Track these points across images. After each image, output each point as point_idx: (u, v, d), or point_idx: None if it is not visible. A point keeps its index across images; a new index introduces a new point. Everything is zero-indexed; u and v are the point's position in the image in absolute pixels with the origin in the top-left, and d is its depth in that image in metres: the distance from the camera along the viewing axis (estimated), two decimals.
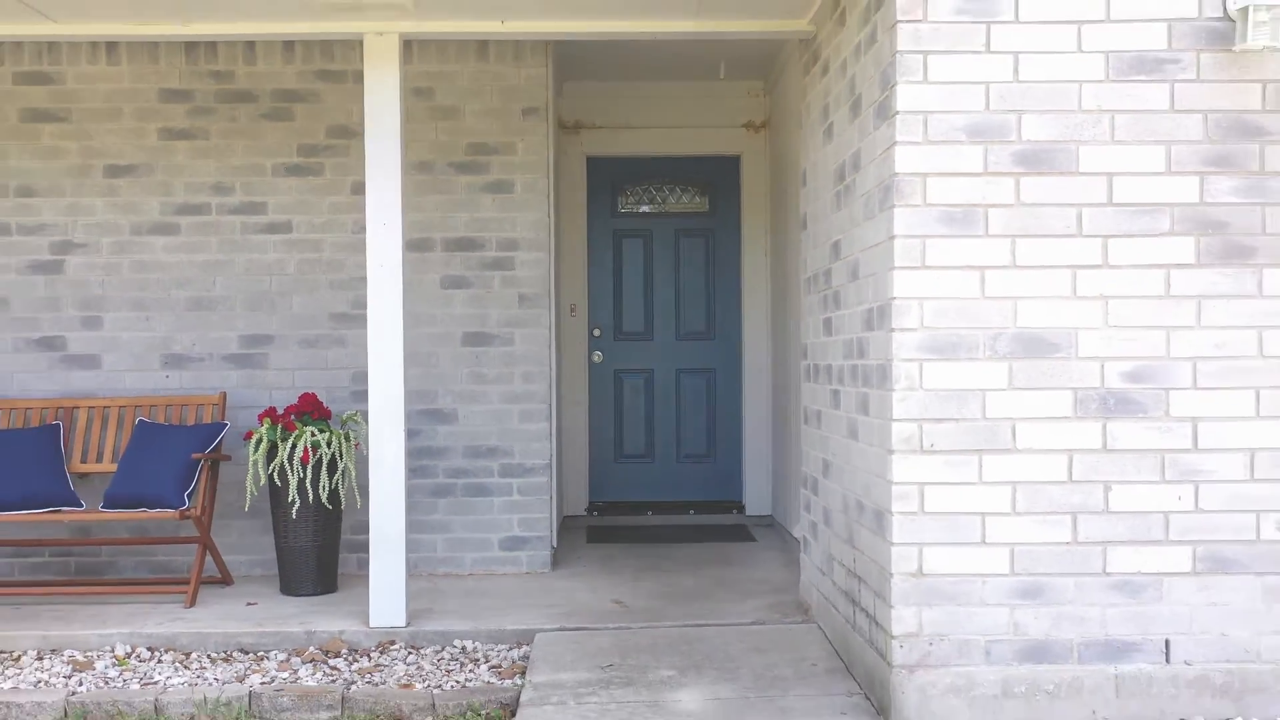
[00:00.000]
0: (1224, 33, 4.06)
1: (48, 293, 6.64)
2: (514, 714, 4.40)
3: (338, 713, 4.61)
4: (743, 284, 8.50)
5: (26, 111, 6.63)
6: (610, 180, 8.61)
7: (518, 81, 6.70)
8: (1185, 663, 4.11)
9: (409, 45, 6.52)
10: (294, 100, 6.66)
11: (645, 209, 8.67)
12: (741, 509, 8.46)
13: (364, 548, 6.45)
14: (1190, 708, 4.10)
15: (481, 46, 6.64)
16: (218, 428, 6.29)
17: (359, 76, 6.57)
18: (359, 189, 6.59)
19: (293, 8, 5.17)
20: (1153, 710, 4.10)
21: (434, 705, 4.63)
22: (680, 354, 8.61)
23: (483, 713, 4.56)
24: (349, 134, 6.66)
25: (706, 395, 8.60)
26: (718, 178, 8.57)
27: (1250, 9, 3.96)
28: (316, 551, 6.12)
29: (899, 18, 4.06)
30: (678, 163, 8.57)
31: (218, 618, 5.70)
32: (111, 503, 6.08)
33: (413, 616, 5.60)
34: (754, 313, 8.45)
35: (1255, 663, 4.12)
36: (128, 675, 5.03)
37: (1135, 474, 4.09)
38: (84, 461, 6.43)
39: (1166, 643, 4.12)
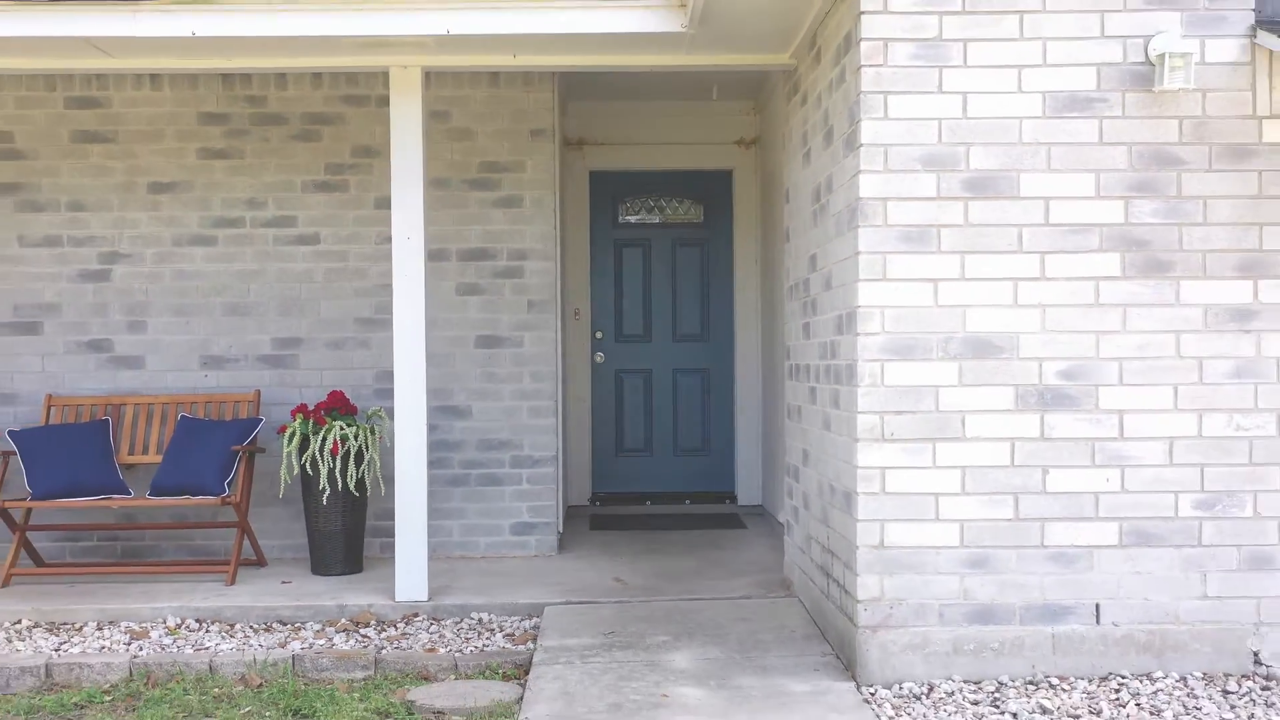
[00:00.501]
0: (1145, 75, 4.67)
1: (96, 299, 7.25)
2: (527, 672, 4.99)
3: (371, 672, 5.22)
4: (735, 290, 9.11)
5: (77, 133, 7.24)
6: (611, 193, 9.23)
7: (526, 105, 7.31)
8: (1113, 624, 4.72)
9: (428, 75, 7.11)
10: (322, 123, 7.27)
11: (644, 220, 9.29)
12: (734, 499, 9.08)
13: (387, 532, 7.06)
14: (1117, 663, 4.70)
15: (493, 74, 7.24)
16: (253, 423, 6.90)
17: (381, 101, 7.18)
18: (381, 203, 7.20)
19: (327, 45, 5.77)
20: (1085, 665, 4.70)
21: (456, 666, 5.24)
22: (677, 355, 9.22)
23: (500, 672, 5.16)
24: (372, 153, 7.26)
25: (701, 393, 9.21)
26: (712, 191, 9.18)
27: (1166, 56, 4.56)
28: (344, 535, 6.72)
29: (863, 62, 4.67)
30: (674, 176, 9.18)
31: (257, 594, 6.30)
32: (158, 490, 6.69)
33: (433, 592, 6.20)
34: (745, 316, 9.06)
35: (1174, 624, 4.72)
36: (180, 642, 5.63)
37: (1069, 459, 4.70)
38: (131, 454, 7.04)
39: (1097, 607, 4.72)
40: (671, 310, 9.23)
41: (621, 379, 9.25)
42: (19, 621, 5.95)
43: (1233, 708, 4.34)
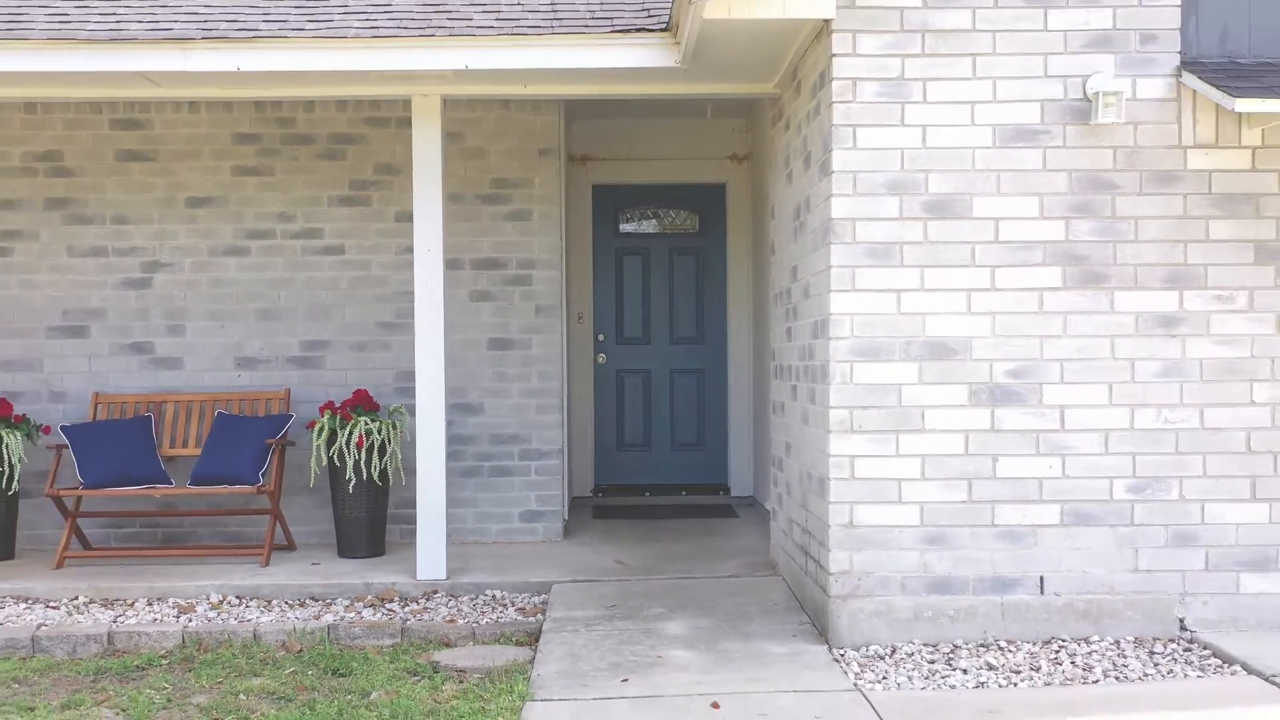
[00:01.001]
0: (1083, 110, 5.29)
1: (139, 305, 7.88)
2: (537, 639, 5.62)
3: (399, 640, 5.85)
4: (728, 295, 9.75)
5: (121, 152, 7.87)
6: (613, 205, 9.86)
7: (535, 126, 7.94)
8: (1055, 594, 5.35)
9: (445, 100, 7.74)
10: (346, 142, 7.90)
11: (644, 230, 9.93)
12: (727, 491, 9.71)
13: (406, 520, 7.68)
14: (1059, 629, 5.33)
15: (505, 99, 7.86)
16: (285, 418, 7.53)
17: (401, 122, 7.80)
18: (401, 217, 7.83)
19: (357, 76, 6.39)
20: (1031, 631, 5.33)
21: (474, 634, 5.87)
22: (674, 356, 9.85)
23: (513, 639, 5.80)
24: (392, 171, 7.89)
25: (696, 392, 9.84)
26: (706, 203, 9.82)
27: (1101, 94, 5.19)
28: (368, 521, 7.35)
29: (834, 99, 5.30)
30: (672, 189, 9.81)
31: (290, 574, 6.93)
32: (198, 480, 7.32)
33: (451, 572, 6.83)
34: (738, 320, 9.69)
35: (1109, 594, 5.35)
36: (224, 615, 6.26)
37: (1016, 449, 5.33)
38: (172, 447, 7.67)
39: (1041, 579, 5.35)
40: (669, 314, 9.86)
41: (622, 379, 9.88)
42: (76, 598, 6.58)
43: (1155, 665, 4.96)
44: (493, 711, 4.53)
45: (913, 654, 5.17)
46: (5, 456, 7.28)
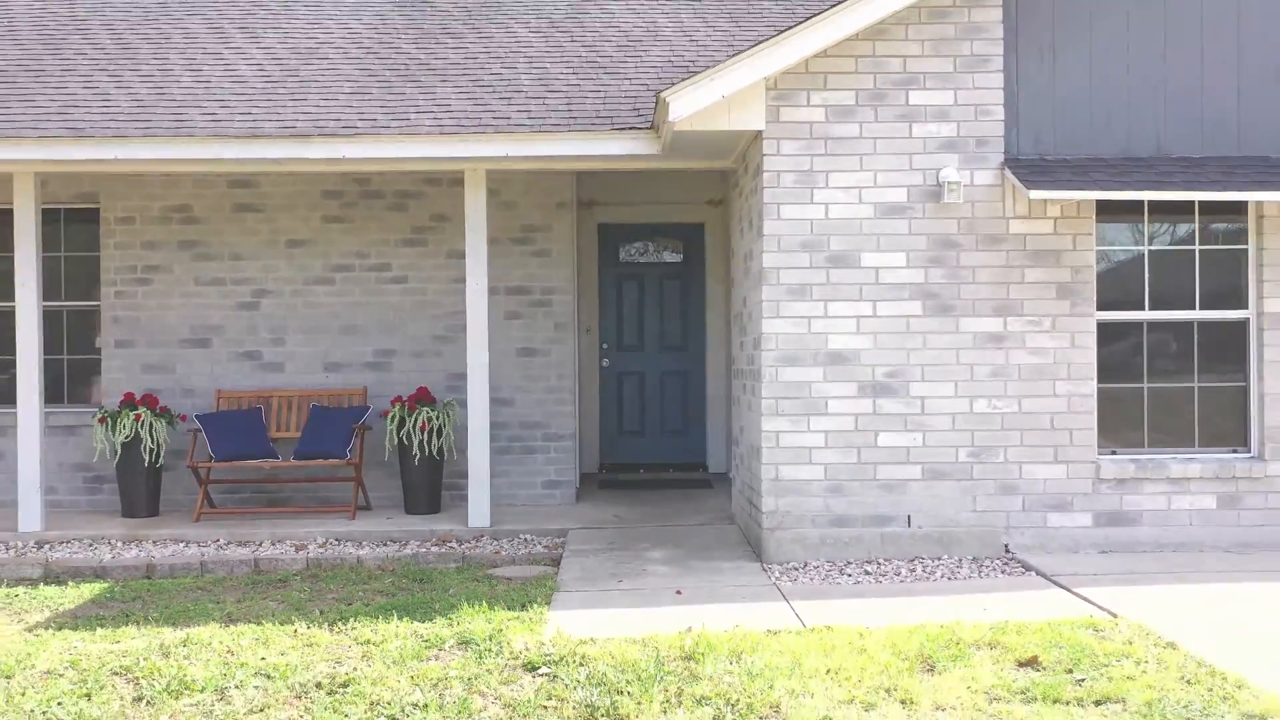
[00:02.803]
0: (937, 193, 7.66)
1: (249, 323, 10.27)
2: (559, 563, 7.97)
3: (461, 564, 8.23)
4: (706, 313, 12.12)
5: (236, 205, 10.26)
6: (615, 240, 12.24)
7: (554, 184, 10.32)
8: (919, 527, 7.71)
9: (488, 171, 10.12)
10: (408, 197, 10.29)
11: (639, 260, 12.30)
12: (705, 468, 12.09)
13: (455, 486, 10.05)
14: (922, 551, 7.68)
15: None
16: (364, 409, 9.91)
17: (450, 182, 10.18)
18: (451, 254, 10.21)
19: (420, 156, 8.73)
20: (901, 552, 7.68)
21: (514, 560, 8.25)
22: (663, 361, 12.22)
23: (542, 562, 8.17)
24: (444, 219, 10.28)
25: (681, 389, 12.21)
26: (689, 238, 12.19)
27: (948, 183, 7.55)
28: (429, 486, 9.73)
29: (765, 185, 7.67)
30: (661, 227, 12.19)
31: (372, 524, 9.32)
32: (299, 455, 9.70)
33: (493, 522, 9.20)
34: (714, 332, 12.06)
35: (956, 528, 7.71)
36: (330, 550, 8.64)
37: (891, 427, 7.69)
38: (277, 431, 10.07)
39: (909, 516, 7.71)
40: (659, 327, 12.23)
41: (622, 378, 12.24)
42: (219, 540, 8.97)
43: (980, 573, 7.33)
44: (534, 595, 6.90)
45: (818, 566, 7.54)
46: (154, 438, 9.67)
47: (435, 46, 10.16)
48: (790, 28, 7.52)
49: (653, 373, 12.25)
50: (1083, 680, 4.99)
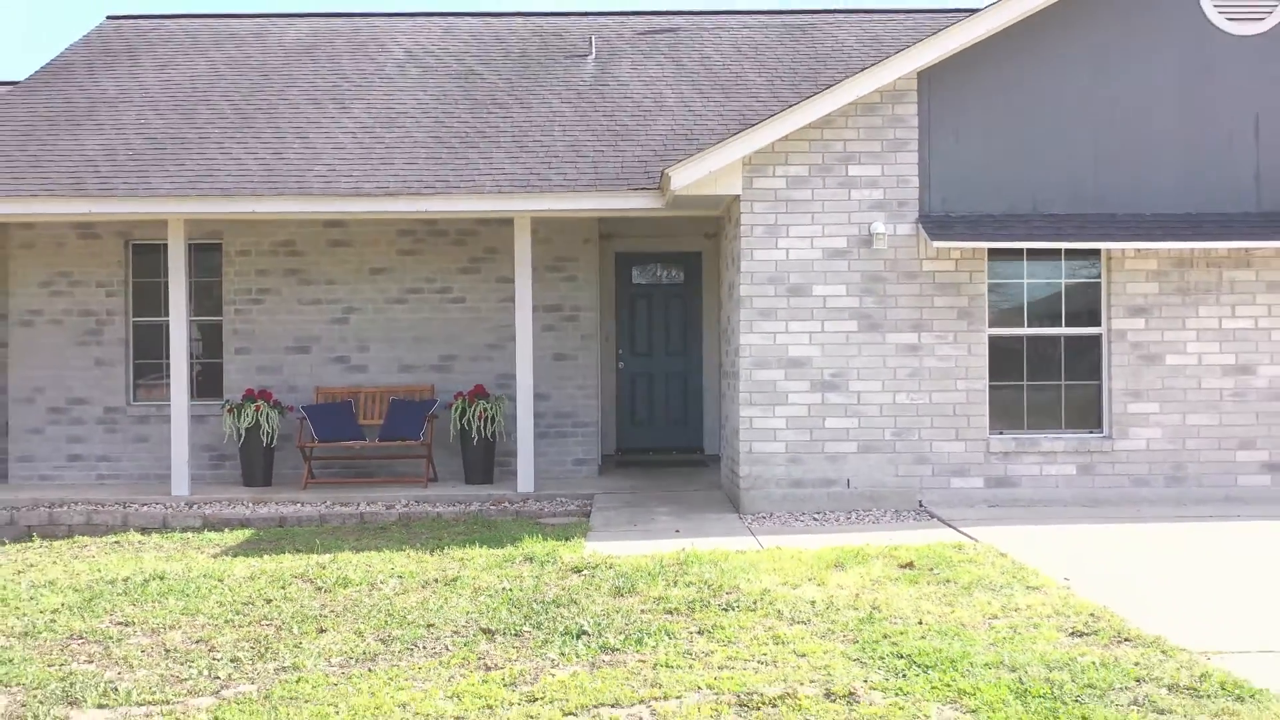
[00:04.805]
0: (869, 241, 10.35)
1: (340, 334, 13.00)
2: (589, 515, 10.67)
3: (514, 517, 10.95)
4: (702, 326, 14.83)
5: (330, 241, 13.00)
6: (629, 265, 14.96)
7: (581, 224, 13.03)
8: (856, 488, 10.40)
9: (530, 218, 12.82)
10: (467, 235, 13.02)
11: (648, 281, 15.02)
12: (702, 451, 14.81)
13: (504, 464, 12.75)
14: (858, 506, 10.38)
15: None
16: (432, 402, 12.64)
17: (499, 224, 12.88)
18: (500, 279, 12.92)
19: (481, 209, 11.43)
20: (843, 507, 10.37)
21: (555, 515, 10.98)
22: (668, 364, 14.93)
23: (575, 514, 10.89)
24: (495, 252, 12.99)
25: (682, 387, 14.93)
26: (689, 264, 14.91)
27: (876, 234, 10.25)
28: (484, 462, 12.45)
29: (741, 235, 10.38)
30: (667, 255, 14.91)
31: (442, 490, 12.03)
32: (383, 438, 12.43)
33: (536, 489, 11.90)
34: (709, 342, 14.75)
35: (883, 489, 10.40)
36: (414, 508, 11.35)
37: (835, 414, 10.39)
38: (364, 419, 12.80)
39: (848, 480, 10.41)
40: (665, 337, 14.93)
41: (634, 378, 14.96)
42: (326, 501, 11.69)
43: (898, 520, 10.01)
44: (574, 533, 9.60)
45: (780, 516, 10.24)
46: (270, 424, 12.40)
47: (487, 115, 12.88)
48: (763, 119, 10.24)
49: (659, 373, 14.95)
50: (935, 570, 7.69)
